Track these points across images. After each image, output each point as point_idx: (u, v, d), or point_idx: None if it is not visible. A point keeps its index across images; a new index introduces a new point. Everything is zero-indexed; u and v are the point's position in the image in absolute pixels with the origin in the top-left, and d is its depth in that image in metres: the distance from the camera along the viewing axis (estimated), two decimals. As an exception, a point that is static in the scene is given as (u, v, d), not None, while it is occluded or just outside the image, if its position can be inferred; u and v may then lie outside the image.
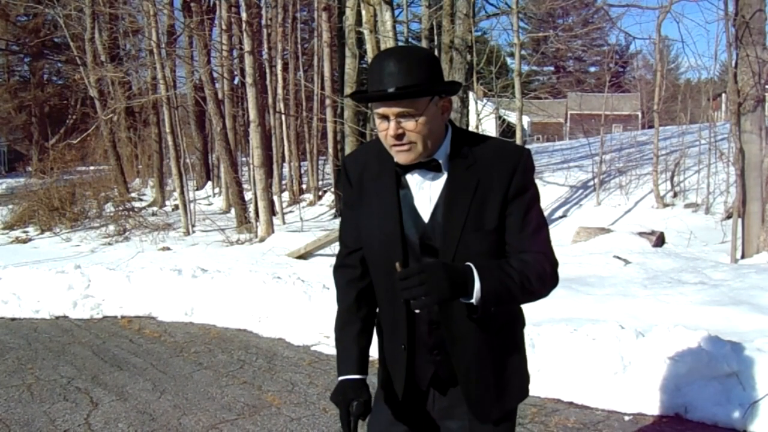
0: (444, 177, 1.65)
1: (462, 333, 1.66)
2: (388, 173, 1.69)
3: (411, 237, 1.66)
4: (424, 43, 13.86)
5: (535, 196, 1.66)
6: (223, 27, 13.78)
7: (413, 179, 1.67)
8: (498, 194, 1.62)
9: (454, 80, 1.68)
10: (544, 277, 1.60)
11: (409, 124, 1.57)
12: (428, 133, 1.59)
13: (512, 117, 14.35)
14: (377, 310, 1.82)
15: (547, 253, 1.64)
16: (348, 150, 12.39)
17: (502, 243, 1.64)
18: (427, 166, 1.64)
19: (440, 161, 1.64)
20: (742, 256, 7.61)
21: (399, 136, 1.57)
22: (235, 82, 16.87)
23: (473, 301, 1.50)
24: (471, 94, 12.72)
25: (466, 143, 1.67)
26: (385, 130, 1.59)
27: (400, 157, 1.61)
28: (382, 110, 1.57)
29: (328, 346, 5.09)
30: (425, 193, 1.66)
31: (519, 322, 1.80)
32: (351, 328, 1.77)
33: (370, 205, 1.71)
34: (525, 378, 1.80)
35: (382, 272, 1.71)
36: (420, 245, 1.66)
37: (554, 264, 1.64)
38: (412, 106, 1.56)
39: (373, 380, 1.80)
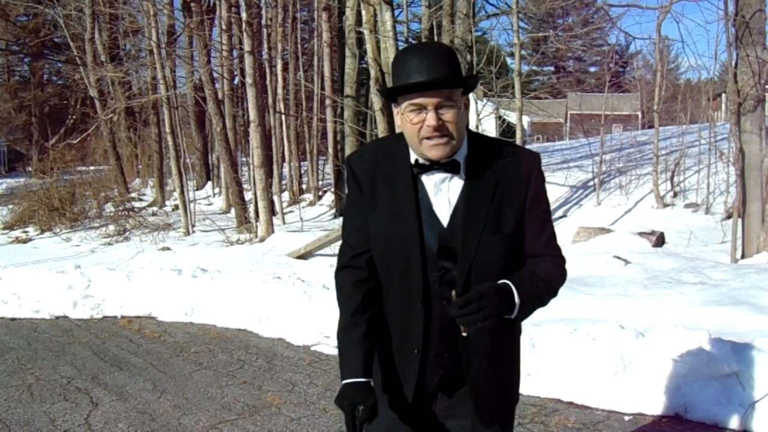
0: (462, 179, 1.64)
1: (477, 338, 1.67)
2: (404, 175, 1.67)
3: (429, 240, 1.65)
4: (424, 43, 13.82)
5: (548, 203, 1.74)
6: (223, 27, 13.78)
7: (430, 181, 1.66)
8: (515, 199, 1.65)
9: (474, 74, 1.69)
10: (561, 279, 1.74)
11: (448, 115, 1.56)
12: (461, 127, 1.61)
13: (512, 117, 14.33)
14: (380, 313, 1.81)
15: (561, 256, 1.74)
16: (348, 150, 12.38)
17: (518, 246, 1.68)
18: (446, 167, 1.63)
19: (460, 162, 1.64)
20: (742, 256, 7.61)
21: (439, 128, 1.56)
22: (235, 82, 16.85)
23: (512, 315, 1.60)
24: (471, 94, 12.69)
25: (482, 146, 1.68)
26: (420, 121, 1.57)
27: (435, 151, 1.59)
28: (420, 100, 1.55)
29: (328, 346, 5.09)
30: (443, 195, 1.66)
31: (519, 328, 1.84)
32: (356, 330, 1.72)
33: (385, 208, 1.69)
34: (519, 382, 1.86)
35: (398, 275, 1.69)
36: (438, 248, 1.65)
37: (565, 263, 1.75)
38: (450, 96, 1.56)
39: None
